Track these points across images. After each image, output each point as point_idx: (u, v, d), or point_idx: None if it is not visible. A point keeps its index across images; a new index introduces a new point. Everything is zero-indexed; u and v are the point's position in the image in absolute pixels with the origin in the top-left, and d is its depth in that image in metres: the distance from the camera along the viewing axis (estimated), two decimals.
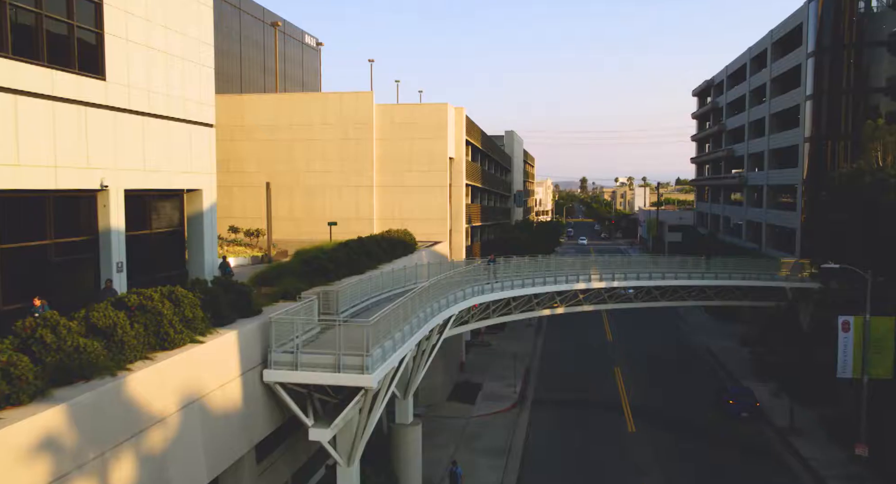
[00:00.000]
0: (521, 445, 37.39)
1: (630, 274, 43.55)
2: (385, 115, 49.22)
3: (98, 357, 13.21)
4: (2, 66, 19.46)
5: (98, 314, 14.08)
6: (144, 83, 25.88)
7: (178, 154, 28.14)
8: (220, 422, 16.54)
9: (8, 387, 11.35)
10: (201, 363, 15.97)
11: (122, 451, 12.96)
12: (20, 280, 21.08)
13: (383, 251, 34.03)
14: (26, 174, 20.40)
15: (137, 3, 25.29)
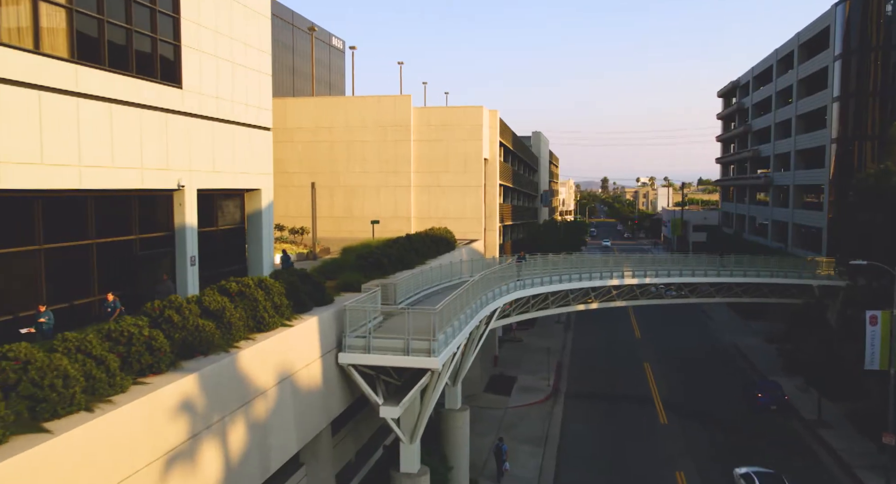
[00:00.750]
0: (557, 433, 39.04)
1: (661, 271, 45.03)
2: (422, 118, 51.05)
3: (213, 335, 15.12)
4: (100, 78, 21.52)
5: (209, 298, 15.99)
6: (213, 90, 27.89)
7: (240, 156, 30.15)
8: (305, 398, 18.41)
9: (150, 357, 13.26)
10: (290, 345, 17.84)
11: (236, 417, 14.84)
12: (113, 272, 23.17)
13: (428, 248, 35.85)
14: (121, 175, 22.45)
15: (208, 17, 27.30)
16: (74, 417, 10.95)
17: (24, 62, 18.65)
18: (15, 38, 18.57)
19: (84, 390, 11.41)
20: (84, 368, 11.65)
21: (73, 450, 10.33)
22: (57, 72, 19.78)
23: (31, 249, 20.06)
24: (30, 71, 18.86)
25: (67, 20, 20.44)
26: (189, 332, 14.59)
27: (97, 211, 22.60)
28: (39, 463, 9.71)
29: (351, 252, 35.83)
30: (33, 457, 9.63)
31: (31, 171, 19.06)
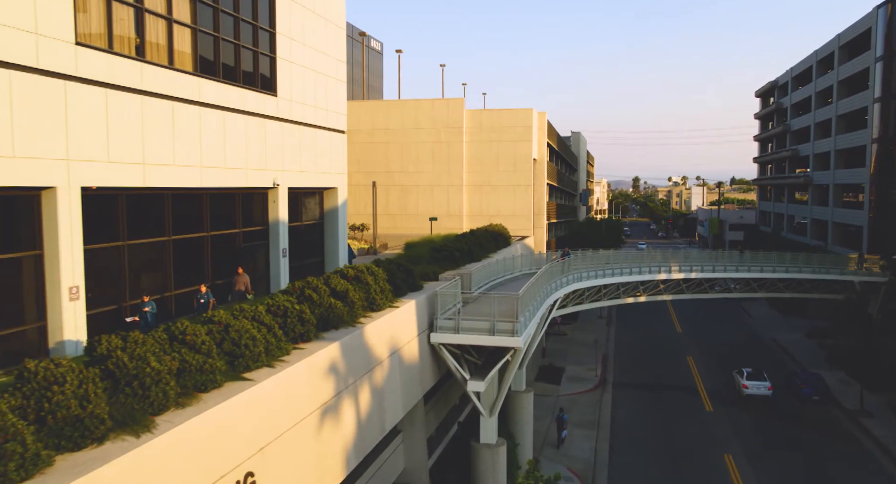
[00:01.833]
0: (608, 419, 41.23)
1: (706, 266, 46.94)
2: (474, 119, 53.51)
3: (343, 312, 17.69)
4: (216, 89, 24.31)
5: (335, 281, 18.58)
6: (300, 97, 30.62)
7: (321, 157, 32.86)
8: (407, 371, 20.94)
9: (301, 327, 15.86)
10: (396, 324, 20.38)
11: (363, 381, 17.40)
12: (222, 261, 25.99)
13: (489, 243, 38.27)
14: (231, 175, 25.25)
15: (297, 30, 30.03)
16: (261, 370, 13.55)
17: (162, 77, 21.47)
18: (155, 56, 21.39)
19: (263, 351, 14.02)
20: (259, 333, 14.25)
21: (268, 395, 12.92)
22: (185, 85, 22.61)
23: (162, 241, 22.94)
24: (166, 84, 21.68)
25: (192, 39, 23.25)
26: (325, 308, 17.17)
27: (211, 207, 25.47)
28: (252, 400, 12.32)
29: (415, 247, 38.45)
30: (249, 396, 12.24)
31: (167, 172, 21.89)
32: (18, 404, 9.12)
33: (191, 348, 12.16)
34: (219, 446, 11.34)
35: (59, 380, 9.50)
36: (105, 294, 19.82)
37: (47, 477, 8.60)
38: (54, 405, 9.26)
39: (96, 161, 18.89)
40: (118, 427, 9.96)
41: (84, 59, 18.33)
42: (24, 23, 16.44)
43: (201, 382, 11.85)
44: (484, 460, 24.74)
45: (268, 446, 12.75)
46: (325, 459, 15.20)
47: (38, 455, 8.66)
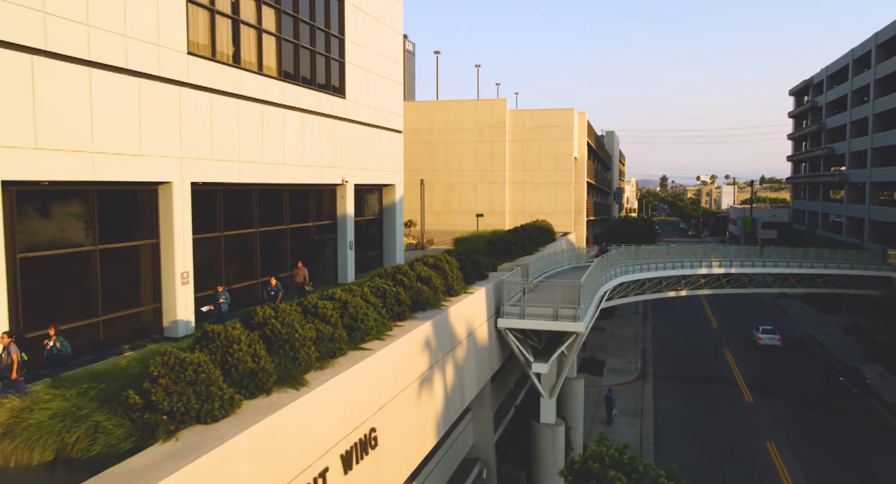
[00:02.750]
0: (650, 408, 42.67)
1: (745, 261, 48.13)
2: (516, 119, 55.13)
3: (429, 296, 19.51)
4: (296, 92, 26.27)
5: (419, 268, 20.38)
6: (365, 99, 32.52)
7: (382, 156, 34.75)
8: (480, 352, 22.70)
9: (398, 307, 17.68)
10: (471, 308, 22.14)
11: (448, 358, 19.19)
12: (297, 252, 27.95)
13: (537, 238, 39.96)
14: (307, 171, 27.23)
15: (362, 36, 31.93)
16: (373, 342, 15.38)
17: (253, 82, 23.46)
18: (247, 63, 23.39)
19: (374, 326, 15.86)
20: (370, 310, 16.09)
21: (382, 363, 14.74)
22: (272, 88, 24.59)
23: (250, 232, 24.96)
24: (257, 88, 23.68)
25: (277, 46, 25.23)
26: (414, 291, 18.99)
27: (290, 201, 27.47)
28: (372, 366, 14.16)
29: (465, 242, 40.26)
30: (370, 363, 14.08)
31: (257, 168, 23.89)
32: (208, 359, 11.01)
33: (322, 320, 14.02)
34: (352, 403, 13.18)
35: (237, 340, 11.39)
36: (205, 280, 21.85)
37: (239, 416, 10.47)
38: (235, 360, 11.14)
39: (203, 159, 20.92)
40: (279, 382, 11.82)
41: (194, 67, 20.35)
42: (149, 35, 18.47)
43: (331, 349, 13.70)
44: (544, 439, 26.44)
45: (384, 407, 14.58)
46: (423, 424, 17.02)
47: (232, 398, 10.54)
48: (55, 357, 13.65)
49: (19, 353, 13.13)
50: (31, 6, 14.97)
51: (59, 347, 13.74)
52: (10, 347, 13.06)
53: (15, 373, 12.93)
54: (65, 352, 13.75)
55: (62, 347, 13.73)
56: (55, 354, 13.66)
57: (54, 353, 13.69)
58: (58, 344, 13.73)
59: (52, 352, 13.67)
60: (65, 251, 16.97)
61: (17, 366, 12.98)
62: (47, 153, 15.48)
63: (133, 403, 10.00)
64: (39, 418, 10.15)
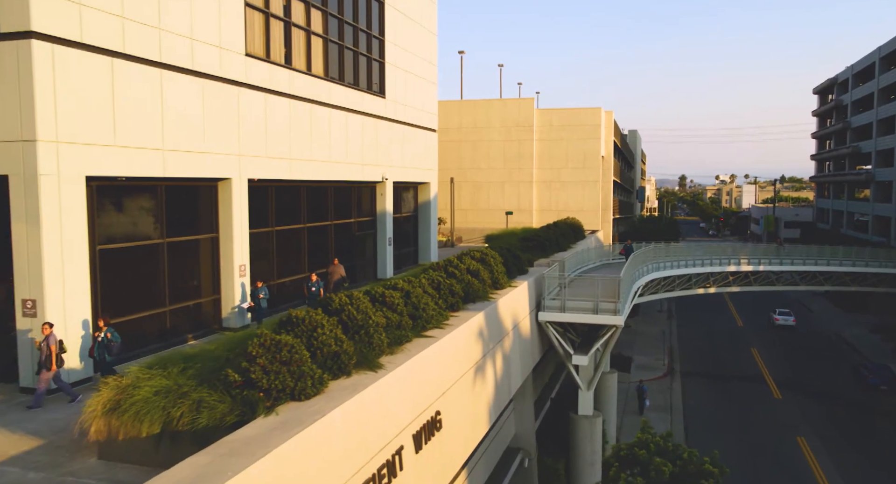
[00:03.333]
0: (680, 404, 43.11)
1: (774, 259, 48.38)
2: (544, 118, 55.69)
3: (479, 288, 20.19)
4: (341, 92, 27.06)
5: (467, 262, 21.07)
6: (402, 98, 33.28)
7: (418, 154, 35.51)
8: (523, 343, 23.36)
9: (452, 298, 18.39)
10: (516, 301, 22.80)
11: (497, 348, 19.86)
12: (340, 247, 28.75)
13: (568, 235, 40.52)
14: (350, 169, 28.05)
15: (400, 37, 32.69)
16: (433, 331, 16.09)
17: (303, 82, 24.28)
18: (298, 64, 24.19)
19: (434, 315, 16.58)
20: (430, 300, 16.80)
21: (444, 350, 15.44)
22: (319, 88, 25.43)
23: (298, 228, 25.78)
24: (306, 88, 24.51)
25: (323, 47, 26.04)
26: (465, 284, 19.68)
27: (334, 198, 28.28)
28: (436, 353, 14.87)
29: (497, 239, 40.91)
30: (435, 350, 14.79)
31: (306, 166, 24.72)
32: (299, 341, 11.75)
33: (389, 308, 14.75)
34: (421, 386, 13.91)
35: (320, 324, 12.14)
36: (259, 273, 22.68)
37: (328, 395, 11.21)
38: (320, 343, 11.89)
39: (259, 156, 21.76)
40: (358, 364, 12.56)
41: (251, 68, 21.19)
42: (212, 38, 19.32)
43: (398, 336, 14.42)
44: (582, 430, 27.05)
45: (446, 392, 15.29)
46: (477, 410, 17.72)
47: (321, 378, 11.29)
48: (105, 348, 14.23)
49: (58, 344, 13.78)
50: (111, 11, 15.84)
51: (110, 338, 14.30)
52: (49, 337, 13.72)
53: (54, 364, 13.60)
54: (114, 342, 14.30)
55: (112, 338, 14.32)
56: (105, 345, 14.24)
57: (105, 344, 14.27)
58: (108, 335, 14.29)
59: (102, 343, 14.26)
60: (136, 244, 17.85)
61: (55, 358, 13.62)
62: (125, 150, 16.35)
63: (233, 381, 10.76)
64: (144, 394, 10.95)
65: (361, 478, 11.06)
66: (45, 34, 14.20)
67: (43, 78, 14.20)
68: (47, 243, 14.43)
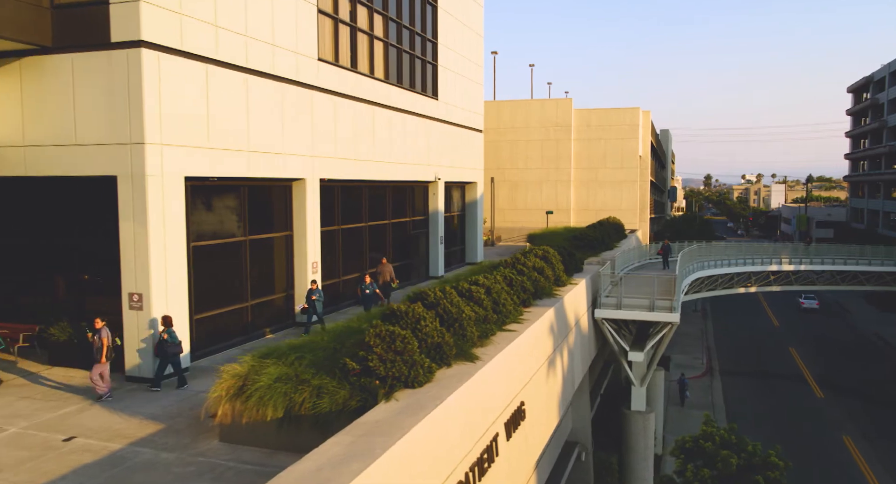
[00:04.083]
0: (721, 402, 43.36)
1: (815, 259, 48.40)
2: (582, 118, 56.09)
3: (545, 285, 20.81)
4: (399, 94, 27.77)
5: (532, 260, 21.67)
6: (453, 100, 33.94)
7: (466, 154, 36.15)
8: (583, 339, 23.92)
9: (524, 294, 19.02)
10: (577, 298, 23.36)
11: (564, 342, 20.46)
12: (397, 246, 29.49)
13: (612, 234, 40.98)
14: (408, 169, 28.79)
15: (451, 40, 33.37)
16: (512, 325, 16.72)
17: (367, 85, 25.03)
18: (362, 68, 24.95)
19: (512, 310, 17.23)
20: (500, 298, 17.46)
21: (525, 343, 16.07)
22: (380, 91, 26.19)
23: (360, 226, 26.55)
24: (369, 91, 25.26)
25: (384, 51, 26.79)
26: (533, 280, 20.30)
27: (392, 197, 29.02)
28: (519, 346, 15.51)
29: (539, 238, 41.44)
30: (518, 342, 15.44)
31: (369, 166, 25.48)
32: (409, 333, 12.44)
33: (476, 303, 15.42)
34: (510, 378, 14.56)
35: (423, 316, 12.83)
36: (328, 270, 23.48)
37: (436, 383, 11.89)
38: (424, 334, 12.58)
39: (329, 157, 22.56)
40: (457, 355, 13.23)
41: (322, 72, 22.00)
42: (290, 43, 20.13)
43: (485, 329, 15.08)
44: (636, 425, 27.55)
45: (528, 384, 15.93)
46: (550, 402, 18.35)
47: (430, 367, 11.98)
48: (166, 346, 14.91)
49: (110, 338, 14.43)
50: (206, 20, 16.68)
51: (167, 338, 14.95)
52: (101, 331, 14.39)
53: (104, 357, 14.24)
54: (171, 343, 14.96)
55: (170, 338, 14.96)
56: (166, 344, 14.91)
57: (166, 343, 14.94)
58: (165, 335, 14.94)
59: (165, 342, 14.94)
60: (223, 241, 18.69)
61: (106, 350, 14.26)
62: (216, 151, 17.19)
63: (351, 369, 11.49)
64: (266, 382, 11.72)
65: (468, 462, 11.73)
66: (153, 43, 15.05)
67: (151, 84, 15.06)
68: (153, 240, 15.28)
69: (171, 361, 15.11)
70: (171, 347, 14.97)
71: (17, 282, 18.44)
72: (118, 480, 10.61)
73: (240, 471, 10.95)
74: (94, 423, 13.08)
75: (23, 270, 18.32)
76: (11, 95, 16.15)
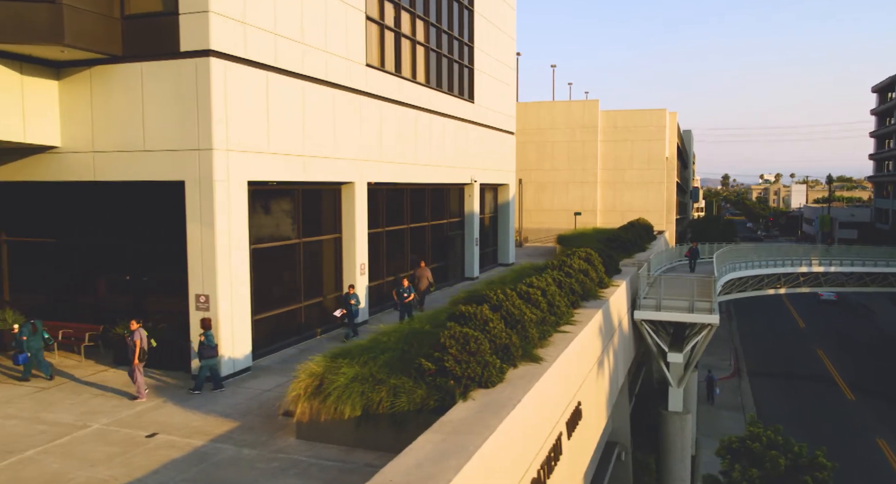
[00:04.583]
0: (751, 403, 43.41)
1: (845, 260, 48.28)
2: (608, 120, 56.25)
3: (591, 286, 21.11)
4: (438, 98, 28.15)
5: (576, 262, 21.98)
6: (487, 103, 34.29)
7: (499, 156, 36.50)
8: (624, 340, 24.19)
9: (572, 296, 19.34)
10: (619, 299, 23.62)
11: (609, 343, 20.74)
12: (435, 247, 29.87)
13: (645, 235, 41.19)
14: (446, 172, 29.16)
15: (486, 43, 33.72)
16: (566, 326, 17.04)
17: (410, 90, 25.44)
18: (406, 73, 25.36)
19: (565, 312, 17.56)
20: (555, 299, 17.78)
21: (580, 344, 16.38)
22: (422, 95, 26.60)
23: (402, 228, 26.97)
24: (412, 96, 25.68)
25: (425, 56, 27.19)
26: (580, 282, 20.62)
27: (431, 200, 29.42)
28: (576, 347, 15.83)
29: (569, 239, 41.62)
30: (575, 344, 15.76)
31: (412, 169, 25.90)
32: (480, 334, 12.81)
33: (533, 304, 15.77)
34: (569, 378, 14.90)
35: (490, 318, 13.20)
36: (373, 272, 23.89)
37: (508, 383, 12.24)
38: (493, 336, 12.94)
39: (375, 161, 22.99)
40: (522, 356, 13.58)
41: (370, 77, 22.43)
42: (341, 50, 20.58)
43: (543, 331, 15.41)
44: (673, 426, 27.78)
45: (583, 384, 16.26)
46: (600, 402, 18.66)
47: (502, 368, 12.34)
48: (202, 349, 15.29)
49: (144, 339, 14.78)
50: (267, 29, 17.14)
51: (204, 341, 15.32)
52: (135, 333, 14.78)
53: (136, 358, 14.62)
54: (208, 346, 15.31)
55: (206, 341, 15.32)
56: (202, 346, 15.29)
57: (202, 345, 15.32)
58: (202, 338, 15.31)
59: (202, 344, 15.33)
60: (279, 244, 19.17)
61: (138, 351, 14.60)
62: (276, 156, 17.66)
63: (426, 369, 11.87)
64: (343, 381, 12.12)
65: (539, 460, 12.08)
66: (220, 52, 15.53)
67: (218, 92, 15.53)
68: (220, 243, 15.76)
69: (205, 364, 15.34)
70: (206, 350, 15.29)
71: (83, 282, 18.99)
72: (208, 474, 11.05)
73: (323, 467, 11.36)
74: (171, 420, 13.56)
75: (88, 271, 18.88)
76: (82, 103, 16.69)
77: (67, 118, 16.90)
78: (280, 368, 17.42)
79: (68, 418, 13.57)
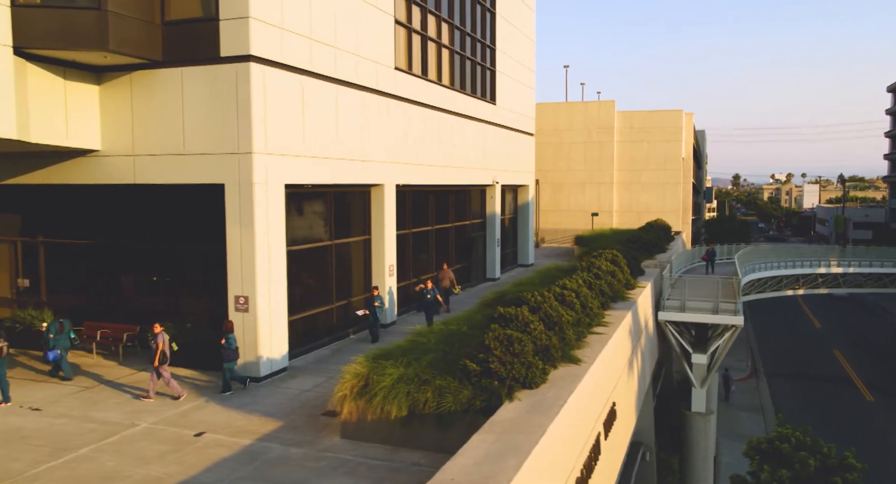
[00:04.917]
0: (769, 404, 43.39)
1: (864, 261, 48.18)
2: (625, 121, 56.30)
3: (619, 288, 21.27)
4: (461, 100, 28.33)
5: (603, 264, 22.13)
6: (508, 104, 34.45)
7: (519, 157, 36.65)
8: (650, 340, 24.34)
9: (602, 298, 19.50)
10: (646, 300, 23.78)
11: (637, 344, 20.89)
12: (459, 249, 30.06)
13: (664, 235, 41.25)
14: (469, 173, 29.37)
15: (507, 45, 33.88)
16: (598, 327, 17.20)
17: (435, 92, 25.65)
18: (432, 75, 25.56)
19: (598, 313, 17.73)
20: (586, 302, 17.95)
21: (613, 345, 16.54)
22: (447, 97, 26.81)
23: (427, 230, 27.19)
24: (437, 98, 25.90)
25: (449, 58, 27.39)
26: (609, 284, 20.77)
27: (455, 201, 29.62)
28: (609, 348, 15.99)
29: (587, 240, 41.76)
30: (610, 345, 15.92)
31: (437, 171, 26.10)
32: (523, 336, 12.99)
33: (569, 306, 15.95)
34: (605, 379, 15.07)
35: (530, 320, 13.39)
36: (399, 272, 24.09)
37: (551, 384, 12.41)
38: (534, 337, 13.13)
39: (404, 163, 23.21)
40: (562, 357, 13.76)
41: (399, 80, 22.66)
42: (371, 53, 20.79)
43: (579, 332, 15.59)
44: (696, 426, 27.88)
45: (616, 384, 16.42)
46: (630, 402, 18.83)
47: (544, 369, 12.53)
48: (225, 351, 15.48)
49: (165, 343, 14.99)
50: (302, 33, 17.38)
51: (225, 343, 15.51)
52: (158, 336, 15.01)
53: (157, 361, 14.84)
54: (228, 349, 15.52)
55: (227, 343, 15.51)
56: (224, 349, 15.49)
57: (224, 348, 15.51)
58: (223, 340, 15.51)
59: (223, 347, 15.52)
60: (313, 245, 19.41)
61: (158, 354, 14.82)
62: (311, 159, 17.90)
63: (471, 370, 12.07)
64: (388, 382, 12.33)
65: (582, 459, 12.26)
66: (259, 57, 15.77)
67: (258, 96, 15.78)
68: (259, 245, 16.01)
69: (227, 367, 15.53)
70: (228, 353, 15.51)
71: (119, 283, 19.30)
72: (261, 472, 11.29)
73: (371, 466, 11.58)
74: (217, 419, 13.82)
75: (124, 272, 19.18)
76: (122, 107, 16.98)
77: (108, 122, 17.19)
78: (315, 368, 17.68)
79: (116, 417, 13.85)
